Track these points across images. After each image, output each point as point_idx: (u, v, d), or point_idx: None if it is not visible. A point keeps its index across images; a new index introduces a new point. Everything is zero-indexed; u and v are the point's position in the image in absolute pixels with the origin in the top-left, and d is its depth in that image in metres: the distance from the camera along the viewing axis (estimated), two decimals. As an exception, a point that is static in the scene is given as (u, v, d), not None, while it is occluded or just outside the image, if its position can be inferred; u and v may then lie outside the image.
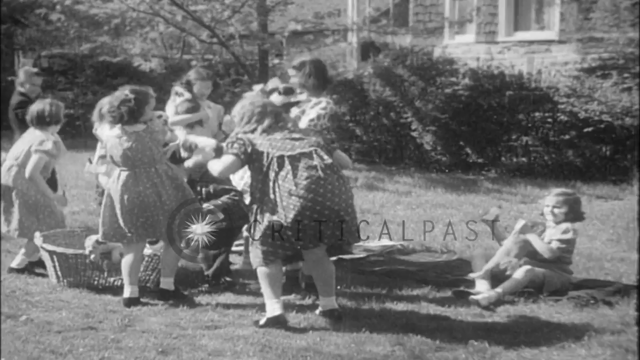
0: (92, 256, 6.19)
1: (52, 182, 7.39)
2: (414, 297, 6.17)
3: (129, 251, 5.94)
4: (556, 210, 6.37)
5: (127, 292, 5.87)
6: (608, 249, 7.83)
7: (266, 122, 5.60)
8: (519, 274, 6.19)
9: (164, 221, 5.88)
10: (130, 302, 5.83)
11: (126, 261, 5.94)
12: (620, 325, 5.49)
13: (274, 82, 6.59)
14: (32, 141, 6.74)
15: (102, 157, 6.64)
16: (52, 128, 6.89)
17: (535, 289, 6.20)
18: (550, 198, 6.45)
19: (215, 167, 5.65)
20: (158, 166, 5.96)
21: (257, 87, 6.59)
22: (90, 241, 6.27)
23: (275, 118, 5.65)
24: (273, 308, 5.43)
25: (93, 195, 9.40)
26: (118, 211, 5.87)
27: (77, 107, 17.06)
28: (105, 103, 6.15)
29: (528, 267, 6.24)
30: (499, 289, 6.10)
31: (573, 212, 6.40)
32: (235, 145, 5.52)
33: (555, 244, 6.27)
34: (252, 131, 5.57)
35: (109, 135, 6.12)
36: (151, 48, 15.61)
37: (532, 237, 6.30)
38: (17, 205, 6.70)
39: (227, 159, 5.54)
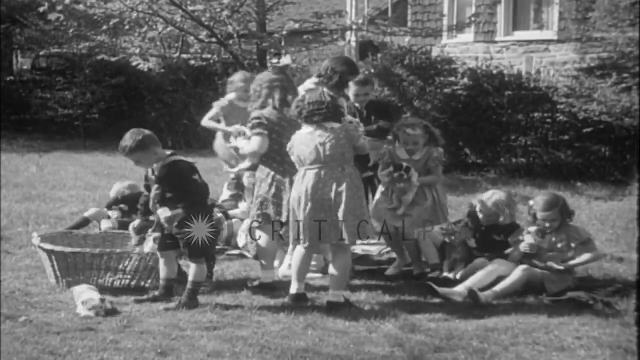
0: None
1: None
2: (414, 298, 6.17)
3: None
4: (549, 223, 6.40)
5: (293, 289, 6.08)
6: (607, 249, 7.83)
7: (277, 97, 6.34)
8: (516, 273, 6.19)
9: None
10: (298, 298, 6.03)
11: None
12: (620, 325, 5.49)
13: (287, 59, 6.78)
14: None
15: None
16: None
17: (534, 291, 6.20)
18: (541, 214, 6.43)
19: (249, 148, 6.38)
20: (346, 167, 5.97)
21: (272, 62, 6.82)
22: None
23: (284, 93, 6.32)
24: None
25: (92, 197, 9.43)
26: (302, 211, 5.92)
27: (75, 107, 17.05)
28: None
29: (525, 266, 6.25)
30: (496, 289, 6.11)
31: (566, 215, 6.41)
32: (256, 124, 6.28)
33: (588, 252, 6.35)
34: (263, 107, 6.33)
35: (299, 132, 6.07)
36: (150, 48, 15.58)
37: (573, 263, 6.36)
38: None
39: (256, 139, 6.28)
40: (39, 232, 6.67)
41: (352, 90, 7.45)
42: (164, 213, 5.81)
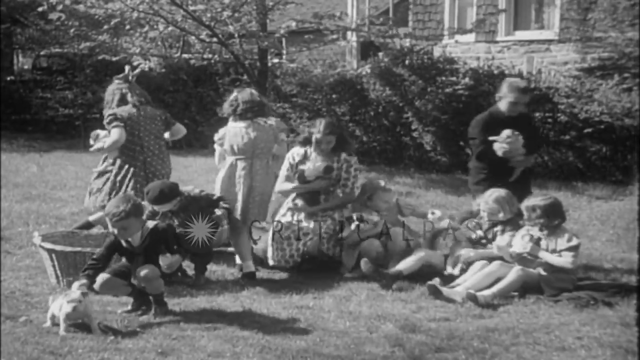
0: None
1: None
2: (414, 298, 6.17)
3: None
4: (537, 220, 6.44)
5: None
6: (608, 250, 7.83)
7: (130, 99, 7.49)
8: (512, 275, 6.21)
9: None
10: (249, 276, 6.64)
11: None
12: (620, 325, 5.49)
13: (126, 69, 7.93)
14: None
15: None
16: None
17: (532, 291, 6.20)
18: (529, 215, 6.49)
19: (109, 140, 7.40)
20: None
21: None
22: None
23: (133, 93, 7.51)
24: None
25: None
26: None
27: (76, 107, 17.04)
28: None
29: (519, 267, 6.27)
30: (493, 289, 6.12)
31: (554, 216, 6.42)
32: (112, 119, 7.34)
33: (568, 257, 6.29)
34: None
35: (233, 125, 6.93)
36: (150, 47, 15.56)
37: (545, 255, 6.32)
38: None
39: (115, 131, 7.29)
40: (39, 232, 6.66)
41: None
42: (165, 261, 5.94)
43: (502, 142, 6.92)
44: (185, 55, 15.12)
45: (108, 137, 7.48)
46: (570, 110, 11.80)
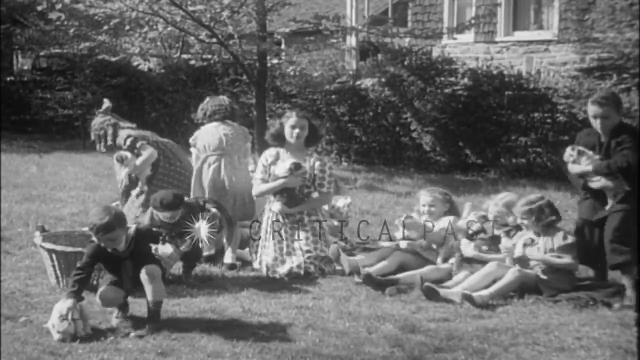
0: None
1: None
2: (413, 298, 6.18)
3: None
4: (526, 222, 6.47)
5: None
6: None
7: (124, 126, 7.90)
8: (509, 276, 6.23)
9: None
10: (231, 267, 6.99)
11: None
12: (620, 326, 5.50)
13: (106, 102, 8.27)
14: None
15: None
16: None
17: (531, 291, 6.21)
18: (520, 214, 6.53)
19: (141, 159, 7.67)
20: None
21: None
22: None
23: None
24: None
25: (92, 197, 9.44)
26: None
27: (75, 108, 17.04)
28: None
29: (517, 267, 6.28)
30: (491, 290, 6.13)
31: (545, 215, 6.44)
32: (133, 140, 7.74)
33: (568, 257, 6.31)
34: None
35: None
36: (150, 48, 15.56)
37: (545, 258, 6.35)
38: None
39: (146, 149, 7.68)
40: (38, 226, 6.66)
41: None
42: (164, 249, 5.95)
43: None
44: (185, 56, 15.12)
45: (133, 158, 7.74)
46: (569, 110, 11.80)
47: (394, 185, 11.74)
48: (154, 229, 6.10)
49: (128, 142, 7.67)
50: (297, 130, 7.04)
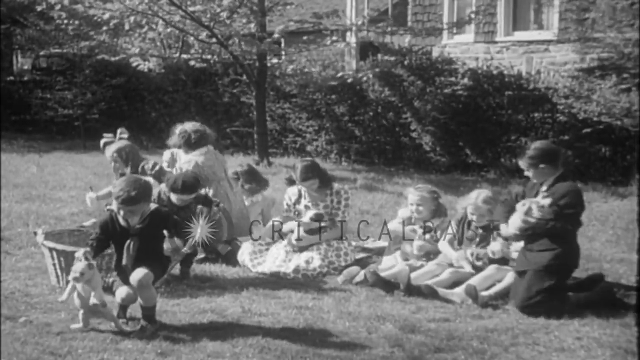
0: None
1: None
2: (413, 298, 6.18)
3: None
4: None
5: None
6: (607, 250, 7.84)
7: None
8: (508, 279, 6.25)
9: None
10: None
11: None
12: (620, 325, 5.50)
13: (124, 133, 8.21)
14: None
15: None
16: None
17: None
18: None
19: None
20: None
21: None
22: None
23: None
24: None
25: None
26: None
27: (75, 107, 17.04)
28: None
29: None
30: (490, 291, 6.14)
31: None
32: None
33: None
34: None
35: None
36: (150, 48, 15.56)
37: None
38: None
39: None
40: (43, 229, 6.64)
41: None
42: (171, 244, 5.66)
43: None
44: (185, 56, 15.14)
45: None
46: (569, 110, 11.80)
47: (394, 185, 11.73)
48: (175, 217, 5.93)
49: (152, 167, 7.70)
50: (307, 190, 7.36)
